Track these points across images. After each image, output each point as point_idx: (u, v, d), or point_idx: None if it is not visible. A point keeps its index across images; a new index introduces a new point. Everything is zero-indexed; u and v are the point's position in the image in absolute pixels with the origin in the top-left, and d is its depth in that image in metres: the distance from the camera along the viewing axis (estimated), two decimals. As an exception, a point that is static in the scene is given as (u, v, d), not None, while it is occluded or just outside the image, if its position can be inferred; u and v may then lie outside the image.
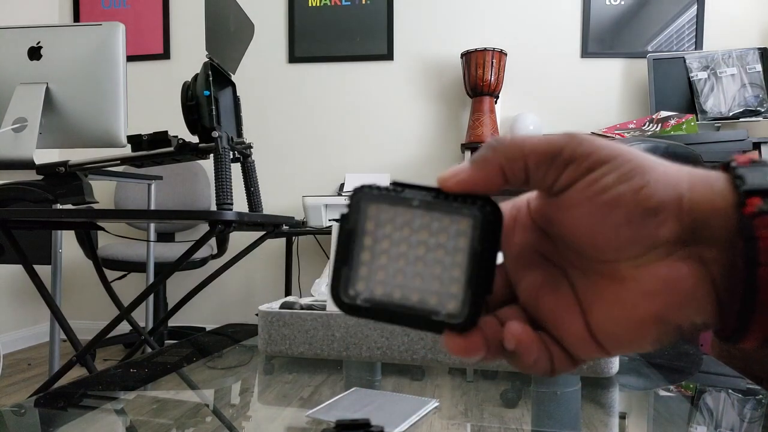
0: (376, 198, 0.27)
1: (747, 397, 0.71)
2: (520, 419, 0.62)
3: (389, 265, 0.26)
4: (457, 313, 0.26)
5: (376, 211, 0.27)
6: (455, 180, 0.26)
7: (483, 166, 0.26)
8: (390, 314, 0.26)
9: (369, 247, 0.26)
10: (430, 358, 0.78)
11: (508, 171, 0.26)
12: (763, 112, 2.60)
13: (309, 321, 0.81)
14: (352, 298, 0.26)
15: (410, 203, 0.26)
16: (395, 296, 0.26)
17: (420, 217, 0.26)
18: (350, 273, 0.26)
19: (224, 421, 0.62)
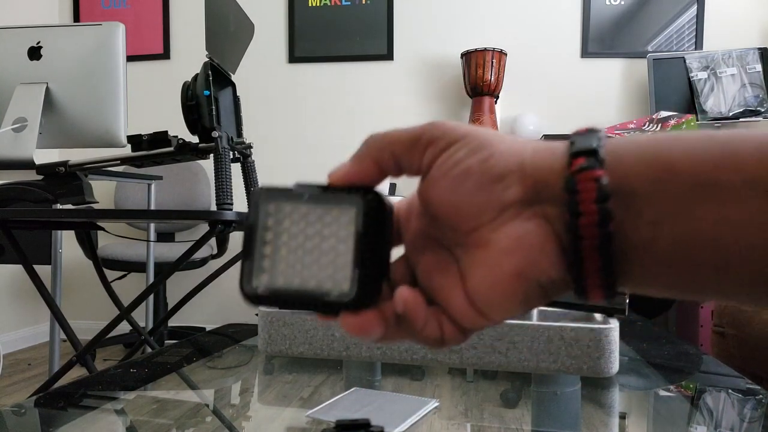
0: (272, 196, 0.29)
1: (747, 397, 0.71)
2: (520, 419, 0.62)
3: (288, 256, 0.29)
4: (347, 292, 0.28)
5: (273, 208, 0.29)
6: (339, 174, 0.29)
7: (360, 160, 0.30)
8: (288, 300, 0.29)
9: (269, 241, 0.29)
10: (430, 358, 0.78)
11: (380, 161, 0.29)
12: (763, 112, 2.60)
13: (309, 321, 0.81)
14: (253, 288, 0.29)
15: (301, 197, 0.29)
16: (294, 284, 0.28)
17: (311, 210, 0.29)
18: (252, 266, 0.29)
19: (224, 421, 0.62)
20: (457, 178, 0.27)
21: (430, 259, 0.30)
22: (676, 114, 2.56)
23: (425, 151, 0.28)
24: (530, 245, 0.26)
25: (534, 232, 0.26)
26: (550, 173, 0.26)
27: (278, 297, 0.29)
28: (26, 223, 1.52)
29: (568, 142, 0.26)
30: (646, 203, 0.24)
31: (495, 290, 0.27)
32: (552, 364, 0.75)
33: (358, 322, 0.28)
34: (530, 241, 0.26)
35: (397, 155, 0.29)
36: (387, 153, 0.29)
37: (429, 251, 0.30)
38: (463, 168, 0.27)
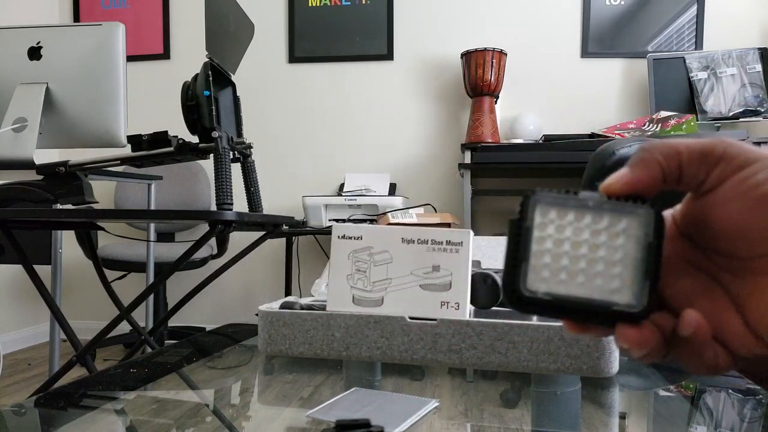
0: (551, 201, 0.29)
1: (747, 397, 0.71)
2: (520, 419, 0.62)
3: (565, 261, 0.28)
4: (635, 303, 0.27)
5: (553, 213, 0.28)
6: (622, 182, 0.28)
7: (645, 166, 0.28)
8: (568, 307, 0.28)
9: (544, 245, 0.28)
10: (430, 358, 0.78)
11: (666, 168, 0.28)
12: (763, 112, 2.60)
13: (309, 321, 0.81)
14: (532, 292, 0.28)
15: (585, 204, 0.28)
16: (572, 290, 0.28)
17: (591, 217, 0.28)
18: (528, 269, 0.28)
19: (224, 421, 0.62)
20: (757, 200, 0.26)
21: (688, 284, 0.29)
22: (676, 114, 2.56)
23: (715, 166, 0.27)
24: None
25: None
26: None
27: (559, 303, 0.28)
28: (26, 223, 1.52)
29: None
30: None
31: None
32: (552, 364, 0.75)
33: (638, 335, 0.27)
34: None
35: (684, 165, 0.28)
36: (675, 162, 0.28)
37: (685, 276, 0.30)
38: (764, 191, 0.26)
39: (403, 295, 0.79)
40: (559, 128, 2.88)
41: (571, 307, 0.28)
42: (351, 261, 0.81)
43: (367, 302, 0.80)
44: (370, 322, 0.79)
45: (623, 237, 0.28)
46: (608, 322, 0.28)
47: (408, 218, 2.39)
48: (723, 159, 0.27)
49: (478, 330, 0.76)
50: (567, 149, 2.50)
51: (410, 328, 0.78)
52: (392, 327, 0.78)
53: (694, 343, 0.27)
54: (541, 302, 0.28)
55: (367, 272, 0.80)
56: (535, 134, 2.80)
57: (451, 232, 0.79)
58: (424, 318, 0.78)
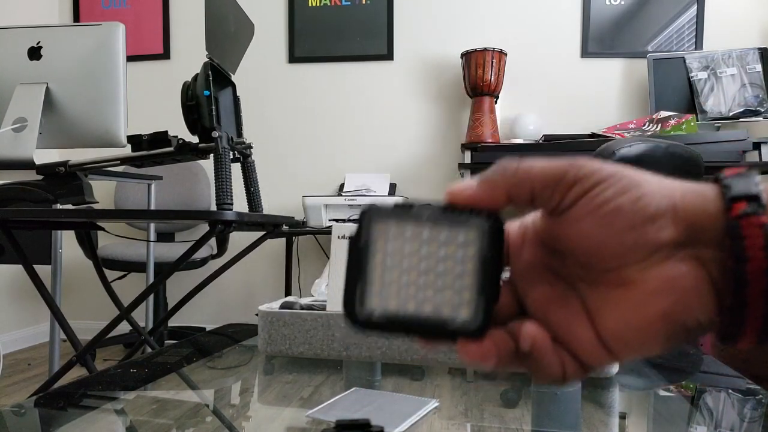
0: (385, 215, 0.28)
1: (747, 397, 0.71)
2: (520, 419, 0.62)
3: (401, 278, 0.27)
4: (471, 320, 0.27)
5: (385, 228, 0.27)
6: (463, 195, 0.28)
7: (490, 187, 0.28)
8: (405, 327, 0.27)
9: (380, 262, 0.27)
10: (430, 358, 0.78)
11: (515, 194, 0.28)
12: (763, 112, 2.60)
13: (309, 321, 0.81)
14: (367, 314, 0.27)
15: (419, 217, 0.27)
16: (409, 309, 0.27)
17: (429, 230, 0.27)
18: (364, 289, 0.27)
19: (224, 421, 0.62)
20: (606, 216, 0.26)
21: (545, 292, 0.30)
22: (676, 114, 2.56)
23: (570, 189, 0.27)
24: (683, 288, 0.26)
25: (687, 274, 0.26)
26: (704, 216, 0.26)
27: (394, 323, 0.27)
28: (26, 223, 1.52)
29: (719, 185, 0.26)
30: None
31: (637, 331, 0.27)
32: (552, 364, 0.75)
33: (479, 350, 0.27)
34: (683, 283, 0.26)
35: (536, 191, 0.28)
36: (526, 188, 0.28)
37: (544, 283, 0.30)
38: (612, 207, 0.26)
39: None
40: (559, 128, 2.88)
41: (407, 325, 0.27)
42: (351, 261, 0.80)
43: (367, 302, 0.80)
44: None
45: (460, 250, 0.27)
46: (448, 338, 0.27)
47: (408, 218, 2.39)
48: (577, 181, 0.27)
49: (478, 330, 0.76)
50: (567, 149, 2.49)
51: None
52: (392, 327, 0.78)
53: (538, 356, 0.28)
54: (377, 323, 0.27)
55: (367, 272, 0.80)
56: (535, 134, 2.80)
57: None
58: (424, 318, 0.77)
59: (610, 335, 0.27)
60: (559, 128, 2.88)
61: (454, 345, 0.27)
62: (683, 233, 0.26)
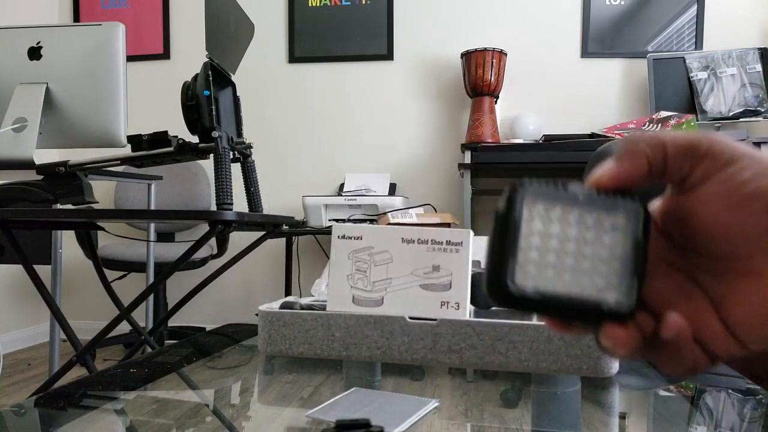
0: (537, 193, 0.27)
1: (747, 397, 0.71)
2: (520, 419, 0.62)
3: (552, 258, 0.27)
4: (623, 302, 0.27)
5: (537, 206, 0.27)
6: (609, 175, 0.28)
7: (632, 158, 0.27)
8: (557, 306, 0.27)
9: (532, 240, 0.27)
10: (430, 358, 0.78)
11: (652, 160, 0.27)
12: (763, 112, 2.60)
13: (309, 321, 0.81)
14: (520, 290, 0.26)
15: (574, 198, 0.27)
16: (561, 288, 0.27)
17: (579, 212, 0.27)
18: (515, 265, 0.26)
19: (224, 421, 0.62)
20: (743, 198, 0.25)
21: (666, 284, 0.29)
22: (676, 114, 2.57)
23: (700, 162, 0.26)
24: None
25: None
26: None
27: (547, 301, 0.26)
28: (26, 223, 1.52)
29: None
30: None
31: None
32: (552, 364, 0.75)
33: (626, 335, 0.27)
34: None
35: (669, 158, 0.27)
36: (660, 154, 0.27)
37: (663, 276, 0.29)
38: (751, 189, 0.25)
39: (403, 295, 0.79)
40: (559, 128, 2.88)
41: (558, 305, 0.27)
42: (351, 261, 0.81)
43: (367, 302, 0.80)
44: (370, 322, 0.79)
45: (612, 233, 0.27)
46: (595, 320, 0.27)
47: (408, 218, 2.39)
48: (708, 155, 0.26)
49: (478, 330, 0.76)
50: (567, 149, 2.50)
51: (410, 328, 0.78)
52: (392, 327, 0.78)
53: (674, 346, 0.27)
54: (529, 300, 0.26)
55: (367, 272, 0.80)
56: (535, 134, 2.80)
57: (451, 232, 0.79)
58: (424, 318, 0.78)
59: (740, 325, 0.27)
60: (559, 128, 2.88)
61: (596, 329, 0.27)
62: None
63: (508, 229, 0.27)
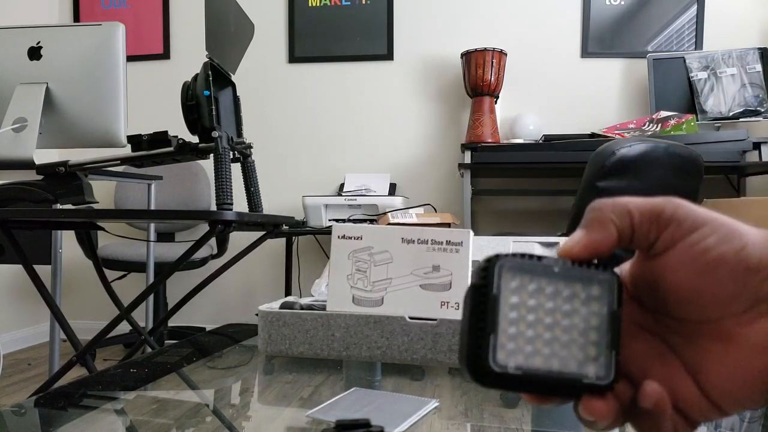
0: (516, 266, 0.27)
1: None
2: (520, 419, 0.62)
3: (531, 333, 0.27)
4: (604, 375, 0.27)
5: (514, 280, 0.27)
6: (579, 246, 0.28)
7: (600, 226, 0.28)
8: (538, 382, 0.26)
9: (510, 314, 0.27)
10: (430, 358, 0.78)
11: (619, 226, 0.27)
12: (763, 112, 2.60)
13: (309, 321, 0.81)
14: (502, 367, 0.26)
15: (551, 271, 0.27)
16: (537, 364, 0.26)
17: (559, 285, 0.27)
18: (496, 342, 0.26)
19: (224, 421, 0.62)
20: (708, 264, 0.26)
21: (639, 349, 0.29)
22: (676, 114, 2.56)
23: (665, 228, 0.27)
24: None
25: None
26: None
27: (530, 378, 0.26)
28: (26, 223, 1.52)
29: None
30: None
31: (743, 386, 0.26)
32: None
33: (606, 407, 0.27)
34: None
35: (636, 225, 0.27)
36: (627, 221, 0.27)
37: (637, 340, 0.29)
38: (715, 255, 0.25)
39: (403, 295, 0.79)
40: (559, 128, 2.88)
41: (539, 381, 0.26)
42: (351, 261, 0.81)
43: (367, 302, 0.80)
44: (370, 322, 0.79)
45: (588, 305, 0.27)
46: (575, 394, 0.27)
47: (408, 218, 2.39)
48: (674, 220, 0.27)
49: (478, 330, 0.76)
50: (567, 149, 2.50)
51: (410, 328, 0.78)
52: (392, 327, 0.78)
53: (654, 414, 0.27)
54: (510, 377, 0.26)
55: (367, 272, 0.80)
56: (535, 134, 2.80)
57: (451, 232, 0.79)
58: (424, 318, 0.78)
59: (714, 390, 0.27)
60: (559, 128, 2.88)
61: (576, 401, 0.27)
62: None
63: (486, 303, 0.26)
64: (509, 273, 0.27)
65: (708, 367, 0.27)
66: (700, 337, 0.27)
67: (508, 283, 0.27)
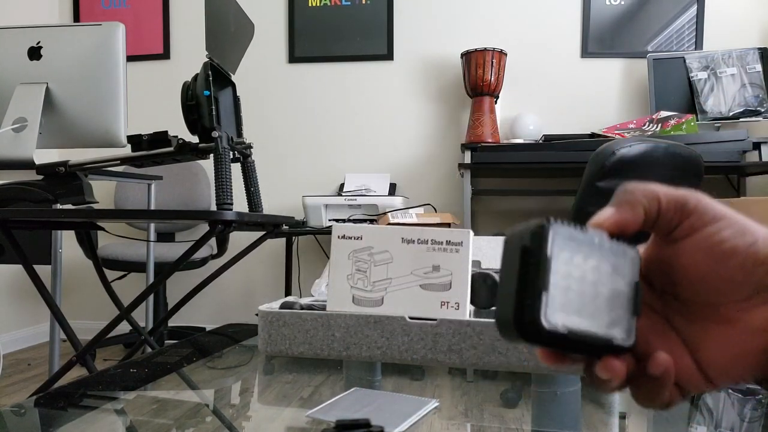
0: (565, 234, 0.29)
1: (747, 397, 0.71)
2: (520, 419, 0.62)
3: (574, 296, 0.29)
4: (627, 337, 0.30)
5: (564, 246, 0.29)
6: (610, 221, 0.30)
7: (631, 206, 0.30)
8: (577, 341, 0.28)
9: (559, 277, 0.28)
10: (430, 358, 0.78)
11: (648, 210, 0.30)
12: (763, 112, 2.60)
13: (309, 321, 0.81)
14: (553, 324, 0.27)
15: (593, 241, 0.29)
16: (585, 326, 0.29)
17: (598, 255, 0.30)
18: (548, 301, 0.28)
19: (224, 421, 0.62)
20: (722, 254, 0.29)
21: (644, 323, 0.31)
22: (676, 114, 2.56)
23: (688, 217, 0.30)
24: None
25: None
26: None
27: (573, 337, 0.28)
28: (26, 223, 1.52)
29: None
30: None
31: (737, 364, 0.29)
32: (552, 364, 0.75)
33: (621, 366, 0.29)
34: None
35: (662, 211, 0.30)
36: (655, 205, 0.30)
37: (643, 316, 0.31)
38: (729, 246, 0.29)
39: (403, 295, 0.79)
40: (559, 128, 2.88)
41: (580, 340, 0.28)
42: (351, 261, 0.81)
43: (367, 302, 0.80)
44: (370, 322, 0.79)
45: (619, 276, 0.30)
46: (599, 354, 0.29)
47: (408, 218, 2.39)
48: (696, 211, 0.30)
49: (478, 330, 0.76)
50: (567, 149, 2.49)
51: (410, 328, 0.78)
52: (392, 327, 0.78)
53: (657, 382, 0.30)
54: (558, 335, 0.28)
55: (367, 272, 0.80)
56: (535, 134, 2.80)
57: (451, 232, 0.79)
58: (424, 318, 0.78)
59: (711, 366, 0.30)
60: (559, 128, 2.88)
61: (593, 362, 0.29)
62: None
63: (539, 265, 0.28)
64: (560, 238, 0.28)
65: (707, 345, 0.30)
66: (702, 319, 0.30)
67: (559, 248, 0.28)
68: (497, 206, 3.01)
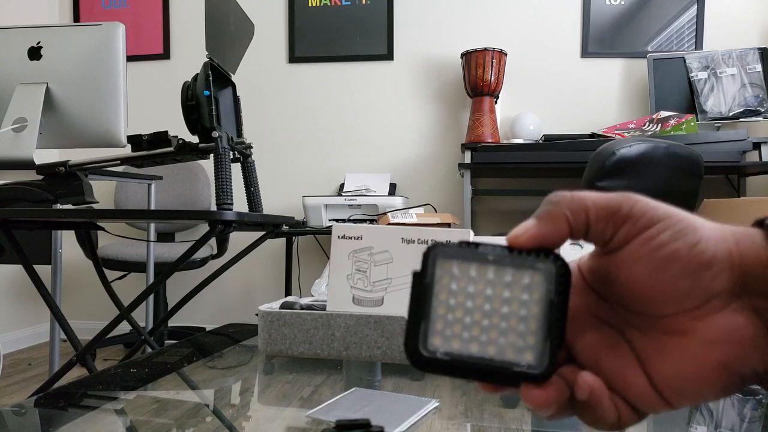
0: (451, 254, 0.27)
1: (747, 397, 0.71)
2: (520, 419, 0.62)
3: (465, 319, 0.27)
4: (537, 364, 0.27)
5: (450, 266, 0.27)
6: (527, 235, 0.27)
7: (552, 220, 0.27)
8: (468, 368, 0.27)
9: (445, 301, 0.27)
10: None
11: (573, 222, 0.27)
12: (763, 112, 2.60)
13: (309, 321, 0.81)
14: (431, 352, 0.27)
15: (485, 258, 0.27)
16: (473, 350, 0.27)
17: (495, 272, 0.27)
18: (428, 327, 0.27)
19: (224, 421, 0.62)
20: (662, 260, 0.26)
21: (594, 339, 0.29)
22: (676, 114, 2.56)
23: (622, 224, 0.27)
24: (740, 338, 0.25)
25: (745, 324, 0.25)
26: (758, 265, 0.25)
27: (458, 363, 0.27)
28: (26, 223, 1.52)
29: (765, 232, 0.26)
30: None
31: (692, 382, 0.26)
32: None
33: (543, 396, 0.27)
34: (741, 334, 0.25)
35: (591, 222, 0.27)
36: (582, 217, 0.27)
37: (592, 330, 0.29)
38: (669, 251, 0.25)
39: (404, 295, 0.79)
40: (559, 128, 2.88)
41: (470, 367, 0.27)
42: (351, 261, 0.81)
43: (367, 302, 0.80)
44: (370, 322, 0.79)
45: (526, 293, 0.27)
46: (511, 382, 0.27)
47: (408, 218, 2.39)
48: (629, 217, 0.26)
49: (478, 330, 0.76)
50: (567, 149, 2.50)
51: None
52: (392, 327, 0.78)
53: (591, 404, 0.27)
54: (440, 362, 0.27)
55: (367, 272, 0.80)
56: (535, 134, 2.80)
57: (451, 232, 0.79)
58: (424, 318, 0.77)
59: (664, 384, 0.27)
60: (559, 128, 2.88)
61: (516, 389, 0.27)
62: (738, 281, 0.25)
63: (421, 290, 0.27)
64: (445, 260, 0.27)
65: (660, 360, 0.27)
66: (655, 331, 0.27)
67: (442, 270, 0.27)
68: (497, 206, 3.01)
